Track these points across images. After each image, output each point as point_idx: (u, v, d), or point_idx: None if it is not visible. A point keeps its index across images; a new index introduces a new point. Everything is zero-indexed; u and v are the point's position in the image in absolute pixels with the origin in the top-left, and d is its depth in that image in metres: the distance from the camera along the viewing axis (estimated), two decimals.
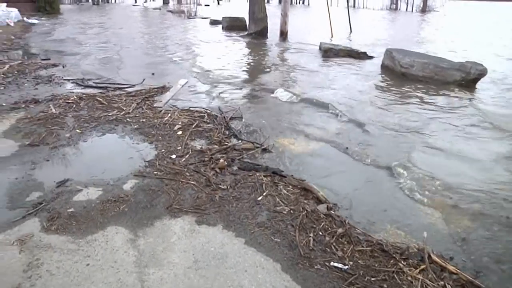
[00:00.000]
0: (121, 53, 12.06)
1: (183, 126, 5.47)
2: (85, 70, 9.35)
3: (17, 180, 3.92)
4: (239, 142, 5.04)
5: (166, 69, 9.77)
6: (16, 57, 11.36)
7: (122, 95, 7.00)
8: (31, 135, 5.06)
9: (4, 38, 15.46)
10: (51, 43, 14.63)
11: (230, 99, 7.08)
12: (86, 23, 23.58)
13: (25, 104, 6.40)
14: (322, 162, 4.63)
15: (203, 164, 4.34)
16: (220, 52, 12.67)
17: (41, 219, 3.28)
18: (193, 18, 26.84)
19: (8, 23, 20.52)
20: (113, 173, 4.07)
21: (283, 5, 14.42)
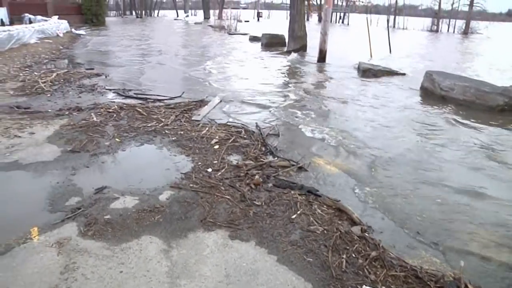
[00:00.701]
0: (161, 65, 12.46)
1: (220, 141, 5.57)
2: (126, 81, 9.71)
3: (58, 184, 4.10)
4: (275, 159, 5.07)
5: (204, 83, 9.99)
6: (63, 66, 11.95)
7: (161, 107, 7.21)
8: (73, 142, 5.30)
9: (53, 48, 16.32)
10: (95, 54, 15.31)
11: (266, 117, 7.14)
12: (129, 35, 24.52)
13: (69, 111, 6.74)
14: (358, 183, 4.58)
15: (239, 179, 4.39)
16: (258, 68, 12.85)
17: (79, 223, 3.40)
18: (233, 33, 27.40)
19: (58, 34, 21.64)
20: (150, 183, 4.18)
21: (323, 24, 14.53)
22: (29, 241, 3.14)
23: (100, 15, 37.59)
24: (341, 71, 12.79)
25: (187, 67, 12.61)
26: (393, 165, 5.14)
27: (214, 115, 6.93)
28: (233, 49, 18.62)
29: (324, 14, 14.75)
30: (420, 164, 5.22)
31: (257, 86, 9.88)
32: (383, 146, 5.82)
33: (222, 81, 10.44)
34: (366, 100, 8.74)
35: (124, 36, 24.43)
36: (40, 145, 5.20)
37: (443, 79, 9.22)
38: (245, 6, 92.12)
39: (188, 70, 12.01)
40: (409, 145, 5.95)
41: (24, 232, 3.24)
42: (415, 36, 34.19)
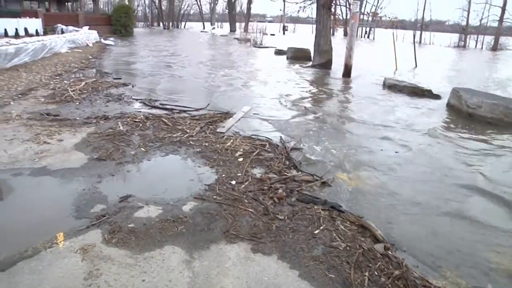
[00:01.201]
0: (187, 76, 12.70)
1: (244, 153, 5.61)
2: (152, 91, 9.93)
3: (84, 191, 4.21)
4: (299, 173, 5.07)
5: (229, 95, 10.11)
6: (91, 75, 12.30)
7: (187, 118, 7.33)
8: (99, 150, 5.44)
9: (83, 58, 16.83)
10: (122, 64, 15.70)
11: (291, 130, 7.16)
12: (156, 46, 25.05)
13: (96, 119, 6.94)
14: (382, 199, 4.53)
15: (262, 193, 4.41)
16: (283, 82, 12.92)
17: (103, 231, 3.48)
18: (258, 46, 27.68)
19: (87, 44, 22.34)
20: (174, 194, 4.25)
21: (349, 39, 14.55)
22: (55, 245, 3.23)
23: (129, 26, 38.59)
24: (366, 86, 12.74)
25: (213, 79, 12.78)
26: (418, 184, 5.06)
27: (238, 128, 7.00)
28: (258, 62, 18.80)
29: (350, 29, 14.79)
30: (446, 185, 5.12)
31: (282, 99, 9.93)
32: (408, 165, 5.75)
33: (246, 93, 10.53)
34: (390, 117, 8.66)
35: (151, 47, 24.99)
36: (67, 152, 5.36)
37: (470, 96, 9.07)
38: (271, 19, 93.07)
39: (213, 82, 12.17)
40: (434, 164, 5.86)
41: (50, 237, 3.34)
42: (441, 52, 33.80)
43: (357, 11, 14.48)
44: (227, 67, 16.02)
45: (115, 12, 39.45)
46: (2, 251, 3.10)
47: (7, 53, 12.24)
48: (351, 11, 15.19)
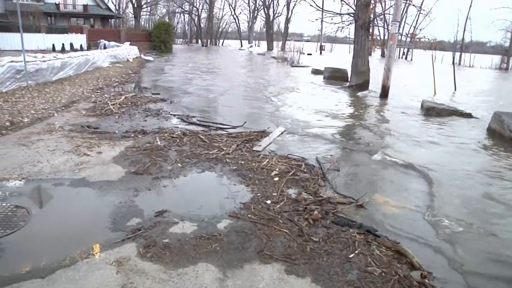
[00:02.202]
0: (223, 94, 12.91)
1: (280, 173, 5.62)
2: (189, 107, 10.14)
3: (120, 204, 4.33)
4: (335, 195, 5.03)
5: (266, 113, 10.19)
6: (131, 90, 12.72)
7: (223, 135, 7.44)
8: (137, 164, 5.60)
9: (123, 72, 17.45)
10: (161, 79, 16.16)
11: (327, 151, 7.12)
12: (194, 63, 25.64)
13: (135, 134, 7.16)
14: (419, 225, 4.41)
15: (297, 214, 4.40)
16: (320, 102, 12.91)
17: (138, 245, 3.55)
18: (295, 66, 27.85)
19: (128, 59, 23.16)
20: (209, 211, 4.30)
21: (387, 60, 14.44)
22: (91, 256, 3.32)
23: (168, 43, 39.85)
24: (403, 108, 12.54)
25: (249, 97, 12.94)
26: (459, 211, 4.89)
27: (274, 147, 7.03)
28: (295, 81, 18.89)
29: (388, 50, 14.73)
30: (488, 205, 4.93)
31: (318, 119, 9.91)
32: (448, 190, 5.57)
33: (283, 112, 10.58)
34: (428, 140, 8.45)
35: (189, 63, 25.62)
36: (106, 164, 5.55)
37: None
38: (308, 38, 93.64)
39: (250, 100, 12.32)
40: (477, 190, 5.65)
41: (87, 247, 3.44)
42: (482, 74, 32.90)
43: (395, 32, 14.39)
44: (264, 85, 16.18)
45: (156, 28, 40.92)
46: (43, 258, 3.23)
47: (53, 67, 12.89)
48: (389, 32, 15.13)
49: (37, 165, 5.39)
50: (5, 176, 4.94)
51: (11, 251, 3.38)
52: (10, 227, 3.74)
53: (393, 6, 15.01)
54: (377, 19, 21.29)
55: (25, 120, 7.79)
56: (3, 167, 5.23)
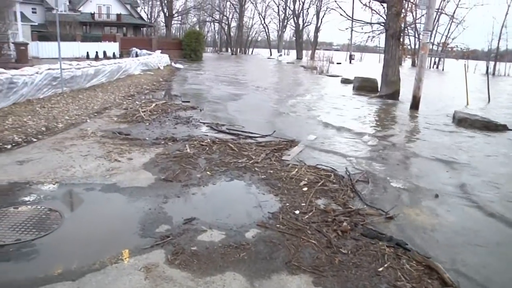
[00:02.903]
0: (252, 103, 12.96)
1: (309, 183, 5.59)
2: (218, 115, 10.25)
3: (150, 211, 4.40)
4: (364, 206, 4.97)
5: (295, 123, 10.17)
6: (161, 97, 12.97)
7: (253, 144, 7.47)
8: (167, 171, 5.68)
9: (154, 80, 17.83)
10: (190, 87, 16.41)
11: (356, 162, 7.04)
12: (224, 71, 25.93)
13: (165, 141, 7.29)
14: (451, 239, 4.29)
15: (326, 225, 4.36)
16: (349, 112, 12.81)
17: (167, 251, 3.59)
18: (325, 75, 27.76)
19: (159, 67, 23.65)
20: (237, 219, 4.31)
21: (418, 70, 14.21)
22: (120, 261, 3.38)
23: (198, 51, 40.47)
24: (434, 119, 12.27)
25: (279, 106, 12.97)
26: (494, 224, 4.74)
27: (303, 156, 7.00)
28: (324, 90, 18.83)
29: (419, 60, 14.51)
30: None
31: (347, 129, 9.82)
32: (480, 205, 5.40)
33: (312, 122, 10.55)
34: (462, 153, 8.22)
35: (219, 71, 25.92)
36: (136, 171, 5.66)
37: None
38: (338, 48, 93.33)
39: (279, 109, 12.34)
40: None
41: (116, 252, 3.50)
42: None
43: (427, 41, 14.16)
44: (293, 95, 16.19)
45: (186, 37, 41.65)
46: (74, 261, 3.31)
47: (87, 74, 13.31)
48: (420, 41, 14.89)
49: (70, 170, 5.55)
50: (40, 180, 5.11)
51: (44, 253, 3.49)
52: (44, 230, 3.86)
53: (425, 15, 14.77)
54: (408, 28, 21.00)
55: (59, 126, 8.04)
56: (38, 171, 5.41)
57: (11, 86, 9.17)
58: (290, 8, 66.37)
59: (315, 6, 63.73)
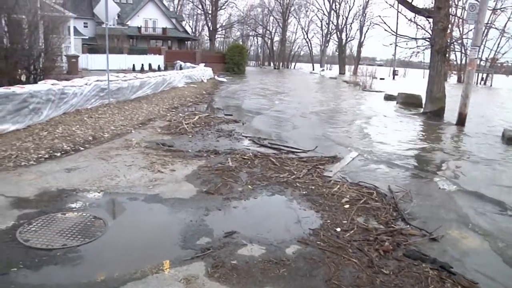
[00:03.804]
0: (293, 118, 12.98)
1: (351, 200, 5.52)
2: (260, 129, 10.33)
3: (191, 223, 4.48)
4: (407, 226, 4.84)
5: (337, 139, 10.07)
6: (204, 110, 13.23)
7: (294, 159, 7.46)
8: (208, 183, 5.77)
9: (197, 93, 18.23)
10: (233, 100, 16.64)
11: (399, 180, 6.86)
12: (266, 85, 26.15)
13: (207, 153, 7.42)
14: (500, 265, 4.09)
15: (367, 243, 4.28)
16: (392, 128, 12.56)
17: (207, 264, 3.63)
18: (367, 90, 27.42)
19: (202, 80, 24.15)
20: (277, 235, 4.31)
21: (465, 87, 13.75)
22: (161, 272, 3.45)
23: (241, 65, 41.07)
24: (481, 137, 11.79)
25: (320, 121, 12.91)
26: None
27: (345, 173, 6.92)
28: (367, 106, 18.59)
29: (466, 76, 14.07)
30: None
31: (391, 146, 9.62)
32: None
33: (354, 138, 10.41)
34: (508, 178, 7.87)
35: (261, 85, 26.16)
36: (179, 182, 5.78)
37: None
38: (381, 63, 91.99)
39: (321, 124, 12.28)
40: None
41: (157, 262, 3.58)
42: None
43: (475, 57, 13.71)
44: (335, 110, 16.09)
45: (230, 51, 42.43)
46: (116, 269, 3.41)
47: (133, 86, 13.79)
48: (468, 57, 14.45)
49: (115, 179, 5.74)
50: (86, 188, 5.32)
51: (89, 259, 3.62)
52: (88, 236, 4.01)
53: (473, 30, 14.35)
54: (455, 43, 20.47)
55: (105, 136, 8.37)
56: (84, 179, 5.64)
57: (62, 96, 9.63)
58: (333, 23, 66.36)
59: (358, 21, 63.62)
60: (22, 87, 8.39)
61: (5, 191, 5.04)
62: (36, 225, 4.18)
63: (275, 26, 74.65)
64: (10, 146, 6.90)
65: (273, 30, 75.19)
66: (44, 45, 12.59)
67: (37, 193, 5.06)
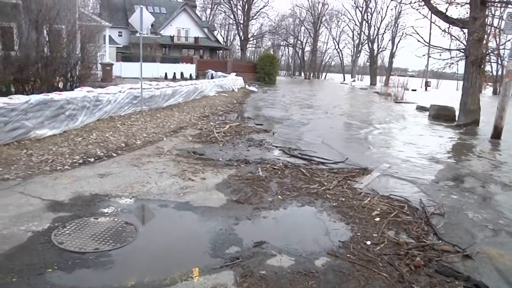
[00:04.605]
0: (324, 128, 12.93)
1: (381, 213, 5.44)
2: (290, 139, 10.33)
3: (221, 231, 4.51)
4: (439, 242, 4.73)
5: (367, 150, 9.96)
6: (234, 119, 13.34)
7: (324, 170, 7.43)
8: (238, 193, 5.81)
9: (228, 102, 18.42)
10: (263, 110, 16.70)
11: (431, 194, 6.71)
12: (297, 95, 26.16)
13: (237, 163, 7.49)
14: None
15: (398, 258, 4.21)
16: (424, 141, 12.28)
17: (236, 273, 3.65)
18: (399, 102, 27.00)
19: (233, 89, 24.41)
20: (307, 246, 4.29)
21: (501, 99, 13.33)
22: (190, 279, 3.49)
23: (272, 75, 41.23)
24: None
25: (351, 132, 12.80)
26: None
27: (376, 185, 6.83)
28: (399, 117, 18.30)
29: (503, 88, 13.63)
30: None
31: (422, 159, 9.42)
32: None
33: (385, 150, 10.26)
34: None
35: (292, 95, 26.18)
36: (209, 190, 5.85)
37: None
38: (413, 74, 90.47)
39: (352, 135, 12.18)
40: None
41: (186, 270, 3.63)
42: None
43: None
44: (366, 121, 15.91)
45: (261, 60, 42.69)
46: (146, 275, 3.48)
47: (165, 94, 14.08)
48: (505, 68, 14.04)
49: (146, 186, 5.86)
50: (118, 193, 5.46)
51: (120, 264, 3.70)
52: (120, 242, 4.10)
53: (510, 41, 13.97)
54: (491, 54, 19.91)
55: (137, 143, 8.56)
56: (117, 185, 5.78)
57: (97, 103, 9.93)
58: (365, 34, 65.96)
59: (390, 31, 62.92)
60: (59, 94, 8.71)
61: (41, 194, 5.24)
62: (70, 228, 4.31)
63: (306, 36, 74.95)
64: (47, 151, 7.16)
65: (304, 40, 75.48)
66: (81, 54, 13.04)
67: (71, 197, 5.22)
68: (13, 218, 4.46)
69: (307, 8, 69.84)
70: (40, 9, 10.62)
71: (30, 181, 5.76)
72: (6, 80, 9.78)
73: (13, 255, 3.69)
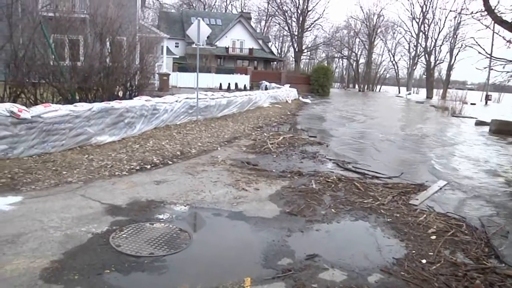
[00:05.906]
0: (378, 142, 12.65)
1: (438, 231, 5.24)
2: (343, 152, 10.21)
3: (273, 242, 4.53)
4: (502, 265, 4.48)
5: (424, 166, 9.63)
6: (288, 131, 13.38)
7: (379, 184, 7.27)
8: (291, 204, 5.81)
9: (282, 113, 18.52)
10: (317, 122, 16.62)
11: (492, 214, 6.37)
12: (351, 108, 25.84)
13: (291, 174, 7.49)
14: None
15: (455, 279, 4.02)
16: (485, 157, 11.70)
17: (287, 285, 3.65)
18: (457, 116, 25.94)
19: (287, 100, 24.50)
20: (360, 261, 4.22)
21: None
22: None
23: (326, 87, 41.02)
24: None
25: (406, 147, 12.43)
26: None
27: (432, 202, 6.58)
28: (457, 132, 17.61)
29: None
30: None
31: (483, 176, 8.97)
32: None
33: (442, 165, 9.87)
34: None
35: (346, 108, 25.89)
36: (262, 201, 5.89)
37: None
38: (472, 86, 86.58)
39: (406, 150, 11.81)
40: None
41: (238, 279, 3.66)
42: None
43: None
44: (421, 136, 15.41)
45: (315, 72, 42.63)
46: (199, 282, 3.55)
47: (220, 104, 14.38)
48: None
49: (200, 194, 6.00)
50: (173, 201, 5.62)
51: (173, 269, 3.81)
52: (174, 248, 4.21)
53: None
54: None
55: (192, 151, 8.78)
56: (172, 192, 5.96)
57: (154, 112, 10.30)
58: (421, 45, 63.79)
59: (448, 43, 60.41)
60: (119, 102, 9.13)
61: (101, 198, 5.50)
62: (126, 232, 4.49)
63: (360, 48, 73.97)
64: (106, 156, 7.51)
65: (359, 52, 74.51)
66: (140, 64, 13.59)
67: (128, 202, 5.44)
68: (75, 219, 4.72)
69: (362, 19, 69.18)
70: (105, 22, 11.22)
71: (90, 184, 6.07)
72: (72, 89, 10.39)
73: (75, 254, 3.91)
